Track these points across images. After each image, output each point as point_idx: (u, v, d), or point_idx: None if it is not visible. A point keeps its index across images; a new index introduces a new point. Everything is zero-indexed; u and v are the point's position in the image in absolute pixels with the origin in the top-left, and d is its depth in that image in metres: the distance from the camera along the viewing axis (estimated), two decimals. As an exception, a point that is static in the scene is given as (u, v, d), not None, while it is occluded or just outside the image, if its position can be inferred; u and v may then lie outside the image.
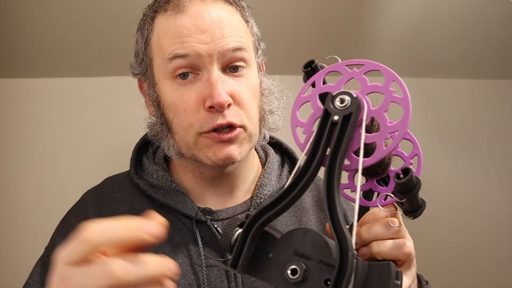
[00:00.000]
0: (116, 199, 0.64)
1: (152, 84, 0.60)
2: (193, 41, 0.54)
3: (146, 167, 0.67)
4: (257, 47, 0.64)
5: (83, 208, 0.64)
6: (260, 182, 0.66)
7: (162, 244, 0.59)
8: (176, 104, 0.57)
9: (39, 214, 1.29)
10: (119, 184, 0.67)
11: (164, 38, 0.57)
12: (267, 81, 0.65)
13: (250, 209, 0.63)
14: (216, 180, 0.64)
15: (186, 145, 0.58)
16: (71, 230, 0.62)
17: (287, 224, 0.64)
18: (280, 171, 0.70)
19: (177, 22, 0.56)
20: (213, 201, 0.64)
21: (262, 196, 0.64)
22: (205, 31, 0.55)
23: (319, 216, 0.67)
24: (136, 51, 0.63)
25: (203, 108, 0.55)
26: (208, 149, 0.57)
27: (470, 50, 1.45)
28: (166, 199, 0.61)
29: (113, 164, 0.72)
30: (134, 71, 0.64)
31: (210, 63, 0.55)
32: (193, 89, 0.56)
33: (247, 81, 0.59)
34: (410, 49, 1.42)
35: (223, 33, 0.55)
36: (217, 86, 0.54)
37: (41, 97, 1.35)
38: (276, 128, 0.65)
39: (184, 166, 0.64)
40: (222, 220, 0.62)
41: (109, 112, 1.37)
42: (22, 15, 1.15)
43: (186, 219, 0.61)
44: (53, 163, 1.33)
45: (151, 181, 0.64)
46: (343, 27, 1.32)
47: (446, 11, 1.30)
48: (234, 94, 0.56)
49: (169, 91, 0.57)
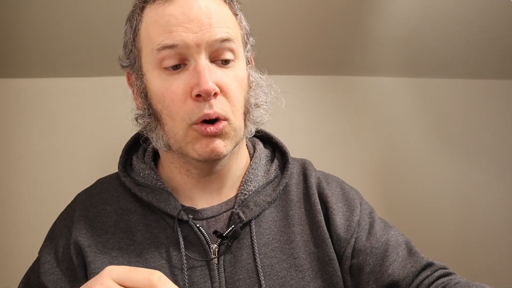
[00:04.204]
0: (104, 199, 0.64)
1: (140, 75, 0.60)
2: (181, 30, 0.54)
3: (134, 165, 0.67)
4: (246, 41, 0.64)
5: (71, 211, 0.65)
6: (245, 178, 0.65)
7: (147, 244, 0.59)
8: (164, 94, 0.56)
9: (39, 214, 1.29)
10: (108, 184, 0.67)
11: (153, 27, 0.57)
12: (255, 75, 0.64)
13: (234, 207, 0.62)
14: (203, 179, 0.63)
15: (175, 137, 0.58)
16: (58, 234, 0.63)
17: (274, 220, 0.63)
18: (268, 166, 0.69)
19: (165, 11, 0.56)
20: (200, 199, 0.63)
21: (246, 193, 0.63)
22: (193, 20, 0.55)
23: (306, 209, 0.65)
24: (125, 42, 0.63)
25: (190, 98, 0.55)
26: (195, 142, 0.56)
27: (470, 50, 1.45)
28: (150, 197, 0.61)
29: (113, 164, 0.72)
30: (123, 63, 0.65)
31: (198, 52, 0.55)
32: (181, 78, 0.56)
33: (234, 72, 0.58)
34: (410, 49, 1.42)
35: (211, 23, 0.55)
36: (204, 74, 0.54)
37: (41, 97, 1.34)
38: (261, 122, 0.64)
39: (171, 163, 0.64)
40: (206, 219, 0.61)
41: (109, 112, 1.37)
42: (22, 15, 1.15)
43: (170, 219, 0.60)
44: (53, 163, 1.32)
45: (138, 180, 0.64)
46: (343, 27, 1.32)
47: (446, 11, 1.30)
48: (221, 84, 0.56)
49: (157, 81, 0.57)
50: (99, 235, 0.60)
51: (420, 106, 1.56)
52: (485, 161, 1.57)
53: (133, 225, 0.61)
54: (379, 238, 0.63)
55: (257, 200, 0.63)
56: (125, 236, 0.60)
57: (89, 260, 0.58)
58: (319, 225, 0.63)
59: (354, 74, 1.51)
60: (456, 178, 1.54)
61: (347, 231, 0.63)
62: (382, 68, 1.48)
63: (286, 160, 0.68)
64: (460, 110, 1.58)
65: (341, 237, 0.62)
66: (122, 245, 0.60)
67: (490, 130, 1.59)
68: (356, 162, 1.49)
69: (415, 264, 0.60)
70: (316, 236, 0.62)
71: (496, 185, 1.56)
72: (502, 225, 1.53)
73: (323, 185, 0.67)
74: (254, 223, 0.61)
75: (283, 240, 0.62)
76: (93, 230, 0.61)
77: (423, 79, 1.56)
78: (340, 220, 0.64)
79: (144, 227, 0.61)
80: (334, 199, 0.66)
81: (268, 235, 0.62)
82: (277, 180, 0.66)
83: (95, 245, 0.59)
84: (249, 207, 0.62)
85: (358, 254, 0.62)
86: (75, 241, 0.60)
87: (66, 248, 0.60)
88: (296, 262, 0.60)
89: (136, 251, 0.59)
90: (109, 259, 0.58)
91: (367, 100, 1.53)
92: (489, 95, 1.60)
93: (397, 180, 1.51)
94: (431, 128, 1.56)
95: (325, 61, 1.44)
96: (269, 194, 0.64)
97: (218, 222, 0.61)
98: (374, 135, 1.52)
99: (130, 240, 0.60)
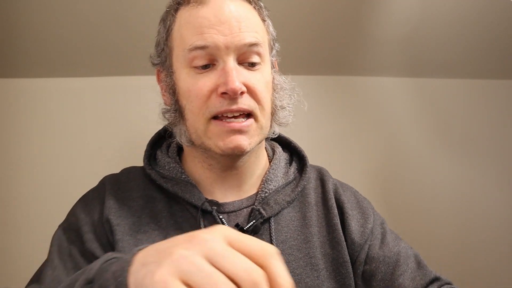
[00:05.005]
0: (130, 186, 0.67)
1: (170, 73, 0.63)
2: (212, 33, 0.57)
3: (159, 159, 0.70)
4: (272, 46, 0.68)
5: (102, 189, 0.67)
6: (266, 177, 0.68)
7: (171, 230, 0.62)
8: (190, 90, 0.59)
9: (39, 214, 1.29)
10: (134, 174, 0.70)
11: (186, 28, 0.60)
12: (279, 78, 0.68)
13: (255, 204, 0.65)
14: (224, 173, 0.66)
15: (196, 132, 0.61)
16: (92, 208, 0.64)
17: (292, 219, 0.66)
18: (287, 168, 0.72)
19: (198, 13, 0.59)
20: (220, 194, 0.66)
21: (267, 191, 0.66)
22: (224, 23, 0.58)
23: (323, 212, 0.68)
24: (157, 41, 0.66)
25: (216, 95, 0.58)
26: (218, 137, 0.59)
27: (470, 50, 1.45)
28: (175, 188, 0.64)
29: (113, 163, 0.73)
30: (154, 61, 0.68)
31: (227, 54, 0.58)
32: (208, 77, 0.59)
33: (260, 74, 0.62)
34: (410, 49, 1.42)
35: (241, 27, 0.59)
36: (231, 73, 0.57)
37: (41, 97, 1.34)
38: (286, 123, 0.68)
39: (194, 157, 0.67)
40: (227, 213, 0.64)
41: (109, 112, 1.37)
42: (22, 15, 1.15)
43: (194, 209, 0.63)
44: (53, 163, 1.32)
45: (163, 173, 0.66)
46: (343, 27, 1.32)
47: (446, 11, 1.30)
48: (248, 84, 0.59)
49: (185, 78, 0.60)
50: (126, 217, 0.62)
51: (420, 106, 1.56)
52: (485, 161, 1.57)
53: (158, 211, 0.63)
54: (392, 248, 0.67)
55: (277, 199, 0.66)
56: (150, 221, 0.62)
57: (117, 238, 0.60)
58: (335, 228, 0.66)
59: (354, 74, 1.51)
60: (456, 178, 1.54)
61: (361, 236, 0.67)
62: (382, 68, 1.48)
63: (304, 164, 0.72)
64: (460, 110, 1.58)
65: (355, 241, 0.66)
66: (147, 229, 0.62)
67: (490, 130, 1.59)
68: (356, 162, 1.49)
69: (424, 277, 0.65)
70: (332, 239, 0.66)
71: (496, 185, 1.55)
72: (502, 225, 1.53)
73: (340, 192, 0.71)
74: (273, 221, 0.64)
75: (300, 239, 0.64)
76: (121, 211, 0.63)
77: (423, 79, 1.56)
78: (355, 226, 0.67)
79: (168, 214, 0.63)
80: (349, 206, 0.70)
81: (286, 233, 0.64)
82: (295, 182, 0.70)
83: (123, 225, 0.62)
84: (269, 205, 0.65)
85: (371, 261, 0.65)
86: (106, 218, 0.62)
87: (99, 223, 0.62)
88: (312, 261, 0.63)
89: (161, 236, 0.61)
90: (134, 242, 0.60)
91: (367, 100, 1.53)
92: (489, 95, 1.60)
93: (397, 180, 1.51)
94: (431, 128, 1.56)
95: (325, 61, 1.44)
96: (288, 194, 0.67)
97: (238, 217, 0.64)
98: (374, 135, 1.52)
99: (155, 225, 0.62)
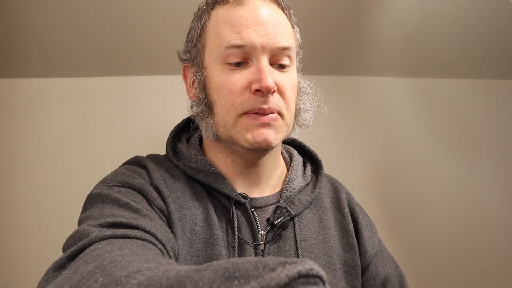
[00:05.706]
0: (167, 166, 0.67)
1: (201, 68, 0.65)
2: (250, 32, 0.60)
3: (183, 152, 0.70)
4: (298, 51, 0.71)
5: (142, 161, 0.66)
6: (289, 178, 0.71)
7: (210, 211, 0.62)
8: (223, 85, 0.61)
9: (39, 214, 1.29)
10: (163, 160, 0.69)
11: (223, 26, 0.62)
12: (303, 82, 0.72)
13: (279, 201, 0.68)
14: (246, 170, 0.68)
15: (225, 126, 0.62)
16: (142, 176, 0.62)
17: (311, 220, 0.69)
18: (303, 170, 0.75)
19: (236, 13, 0.61)
20: (240, 189, 0.68)
21: (291, 190, 0.69)
22: (261, 24, 0.60)
23: (337, 217, 0.72)
24: (190, 38, 0.68)
25: (249, 91, 0.60)
26: (246, 131, 0.61)
27: (470, 50, 1.45)
28: (207, 179, 0.65)
29: (113, 163, 0.72)
30: (183, 56, 0.70)
31: (262, 54, 0.60)
32: (242, 74, 0.61)
33: (289, 76, 0.64)
34: (410, 49, 1.42)
35: (276, 30, 0.61)
36: (265, 72, 0.59)
37: (41, 97, 1.35)
38: (306, 125, 0.71)
39: (217, 152, 0.68)
40: (255, 208, 0.66)
41: (109, 112, 1.37)
42: (22, 15, 1.15)
43: (225, 200, 0.64)
44: (53, 163, 1.33)
45: (190, 165, 0.67)
46: (343, 27, 1.32)
47: (446, 11, 1.30)
48: (279, 84, 0.62)
49: (218, 74, 0.62)
50: (172, 191, 0.63)
51: (420, 106, 1.56)
52: (485, 161, 1.57)
53: (198, 192, 0.65)
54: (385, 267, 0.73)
55: (301, 198, 0.69)
56: (193, 198, 0.64)
57: (171, 209, 0.60)
58: (350, 233, 0.71)
59: (354, 74, 1.51)
60: (456, 177, 1.54)
61: (372, 247, 0.72)
62: (382, 68, 1.48)
63: (319, 167, 0.76)
64: (460, 110, 1.58)
65: (367, 251, 0.71)
66: (190, 205, 0.63)
67: (490, 130, 1.59)
68: (355, 162, 1.49)
69: None
70: (347, 243, 0.70)
71: (496, 185, 1.55)
72: (502, 225, 1.53)
73: (353, 202, 0.76)
74: (297, 219, 0.67)
75: (319, 239, 0.68)
76: (166, 185, 0.63)
77: (423, 79, 1.56)
78: (368, 236, 0.72)
79: (207, 196, 0.65)
80: (362, 217, 0.74)
81: (307, 232, 0.68)
82: (312, 183, 0.74)
83: (171, 197, 0.62)
84: (294, 204, 0.68)
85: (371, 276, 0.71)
86: (156, 185, 0.62)
87: (153, 188, 0.61)
88: (330, 261, 0.67)
89: (202, 215, 0.62)
90: (179, 216, 0.61)
91: (367, 100, 1.53)
92: (489, 95, 1.60)
93: (396, 180, 1.51)
94: (431, 128, 1.56)
95: (325, 61, 1.44)
96: (308, 195, 0.71)
97: (264, 213, 0.67)
98: (374, 134, 1.52)
99: (197, 203, 0.63)
